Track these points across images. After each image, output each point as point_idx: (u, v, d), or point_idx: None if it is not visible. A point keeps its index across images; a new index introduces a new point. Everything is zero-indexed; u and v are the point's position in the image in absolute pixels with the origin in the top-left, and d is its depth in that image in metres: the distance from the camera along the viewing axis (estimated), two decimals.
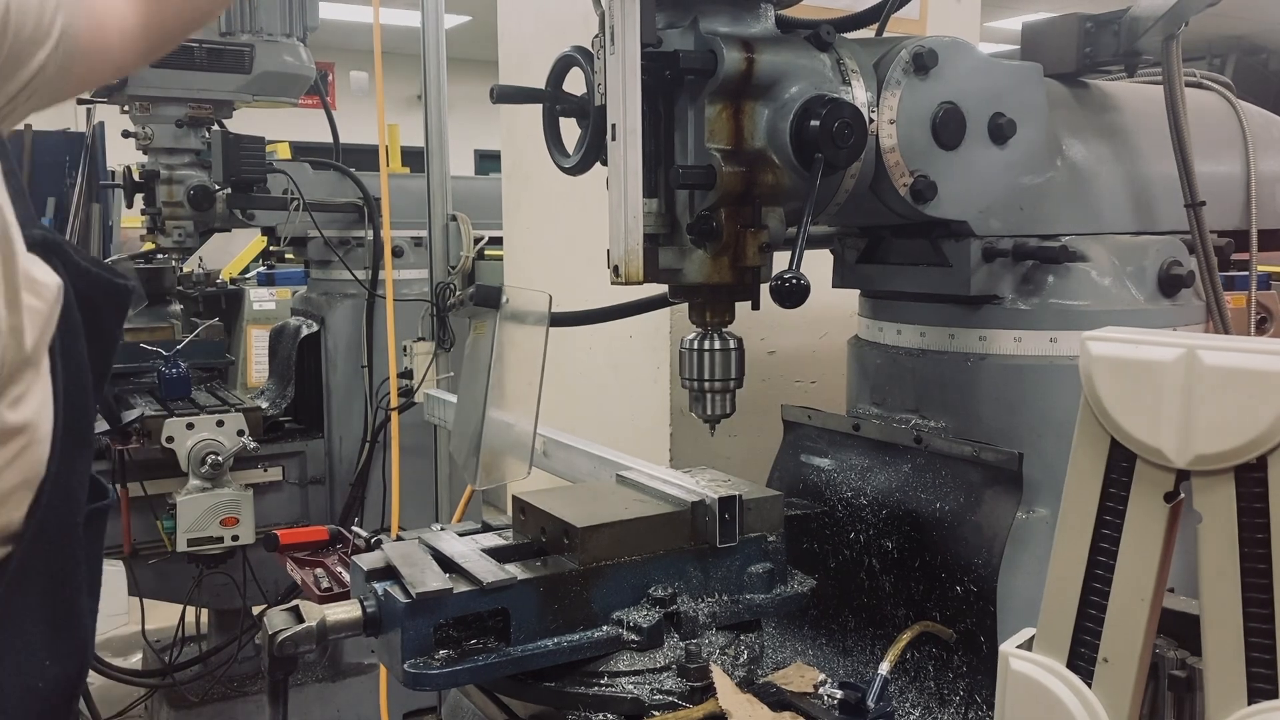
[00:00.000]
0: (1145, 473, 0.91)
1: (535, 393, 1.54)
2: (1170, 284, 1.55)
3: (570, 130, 1.46)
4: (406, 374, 3.65)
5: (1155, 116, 1.61)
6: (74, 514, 1.17)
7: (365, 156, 4.23)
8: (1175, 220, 1.62)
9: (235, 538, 3.51)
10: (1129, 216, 1.62)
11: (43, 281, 1.09)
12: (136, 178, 4.10)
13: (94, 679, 3.76)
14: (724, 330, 1.47)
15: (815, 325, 2.43)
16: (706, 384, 1.47)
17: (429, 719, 1.62)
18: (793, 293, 1.28)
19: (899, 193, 1.43)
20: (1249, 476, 0.86)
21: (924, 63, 1.42)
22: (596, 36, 1.31)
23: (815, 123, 1.33)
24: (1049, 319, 1.51)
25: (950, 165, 1.45)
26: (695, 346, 1.47)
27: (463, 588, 1.28)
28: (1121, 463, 0.93)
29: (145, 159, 4.08)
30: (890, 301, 1.68)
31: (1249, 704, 0.87)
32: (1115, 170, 1.62)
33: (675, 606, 1.36)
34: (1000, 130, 1.47)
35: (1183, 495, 0.91)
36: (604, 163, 1.32)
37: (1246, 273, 1.88)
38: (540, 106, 1.48)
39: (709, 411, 1.48)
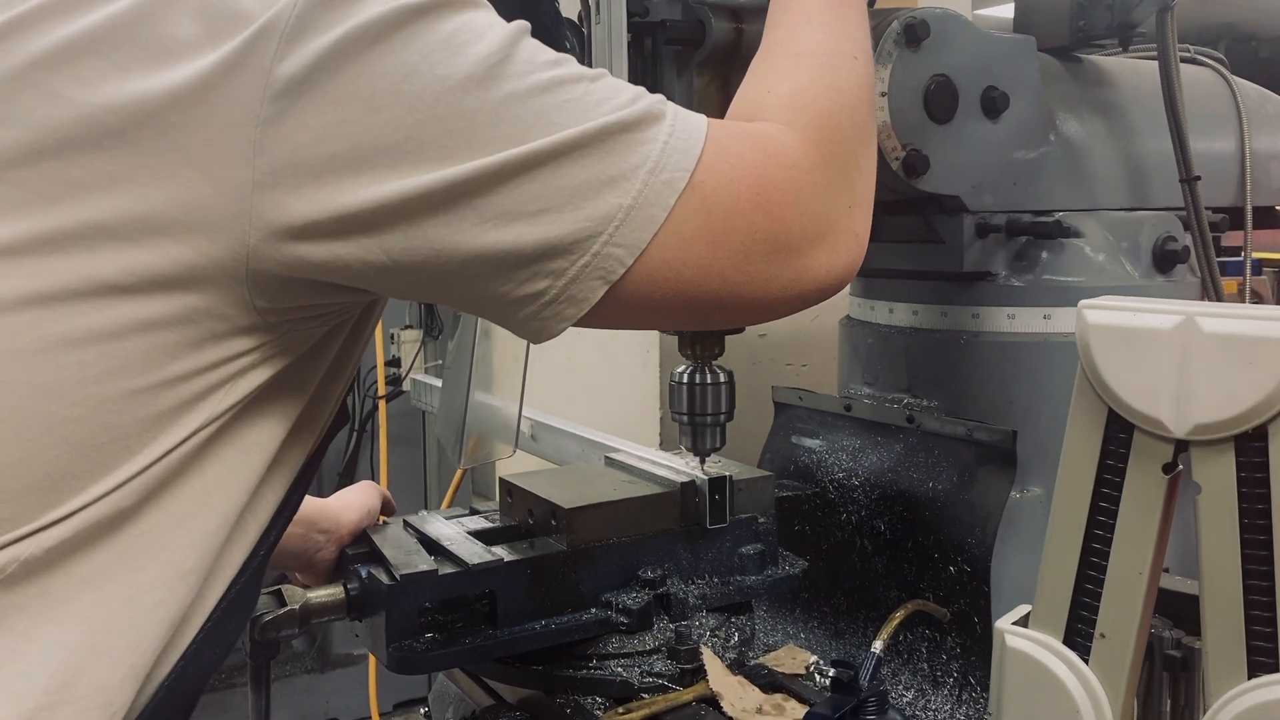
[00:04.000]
0: (1143, 444, 0.89)
1: (520, 372, 1.52)
2: (1165, 260, 1.53)
3: None
4: (394, 362, 3.63)
5: (1149, 92, 1.59)
6: None
7: None
8: (1170, 196, 1.60)
9: None
10: (1123, 192, 1.60)
11: None
12: None
13: None
14: (714, 364, 1.44)
15: None
16: (697, 419, 1.44)
17: (419, 709, 1.60)
18: None
19: (891, 167, 1.41)
20: (1249, 446, 0.84)
21: (916, 34, 1.39)
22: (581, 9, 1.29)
23: None
24: (1043, 295, 1.49)
25: (943, 139, 1.42)
26: (685, 380, 1.43)
27: (448, 569, 1.26)
28: (1119, 434, 0.91)
29: None
30: (882, 280, 1.65)
31: (1249, 678, 0.85)
32: (1110, 145, 1.60)
33: (665, 588, 1.34)
34: (993, 104, 1.44)
35: (1181, 467, 0.89)
36: None
37: (1237, 258, 1.86)
38: None
39: (698, 445, 1.45)
